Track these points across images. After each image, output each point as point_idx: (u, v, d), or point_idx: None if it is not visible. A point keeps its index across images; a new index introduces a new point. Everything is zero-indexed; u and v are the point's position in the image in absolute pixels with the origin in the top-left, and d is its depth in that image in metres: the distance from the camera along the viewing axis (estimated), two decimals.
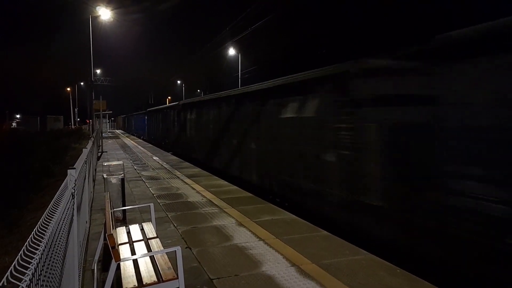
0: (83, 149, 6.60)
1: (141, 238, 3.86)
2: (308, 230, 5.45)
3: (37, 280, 1.34)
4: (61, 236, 2.21)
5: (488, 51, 3.98)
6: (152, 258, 3.26)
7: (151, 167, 12.89)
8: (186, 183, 9.54)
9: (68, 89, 66.27)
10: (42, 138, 28.70)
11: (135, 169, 12.35)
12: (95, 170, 11.01)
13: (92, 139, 11.84)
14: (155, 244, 3.63)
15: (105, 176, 6.17)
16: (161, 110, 25.84)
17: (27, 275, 1.19)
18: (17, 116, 78.79)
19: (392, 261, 4.25)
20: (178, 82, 59.95)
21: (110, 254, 2.88)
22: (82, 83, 54.06)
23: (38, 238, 1.56)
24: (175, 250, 3.04)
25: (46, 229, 1.70)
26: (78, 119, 70.72)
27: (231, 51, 34.50)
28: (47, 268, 1.62)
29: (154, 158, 15.91)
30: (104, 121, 48.86)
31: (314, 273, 3.92)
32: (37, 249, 1.43)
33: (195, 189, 8.70)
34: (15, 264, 1.21)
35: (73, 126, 61.82)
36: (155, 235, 3.89)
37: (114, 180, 6.12)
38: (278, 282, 3.72)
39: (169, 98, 63.01)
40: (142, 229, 4.13)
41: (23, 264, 1.25)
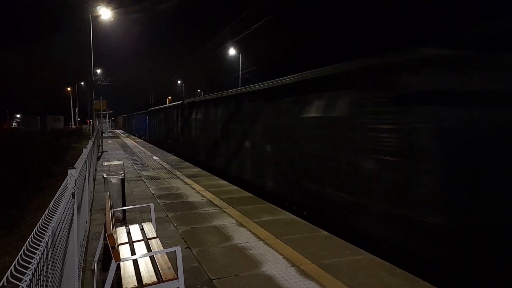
0: (83, 149, 6.60)
1: (141, 238, 3.86)
2: (308, 230, 5.45)
3: (37, 280, 1.34)
4: (61, 236, 2.21)
5: None
6: (152, 258, 3.27)
7: (151, 167, 12.89)
8: (186, 183, 9.55)
9: (69, 89, 66.34)
10: (42, 138, 28.72)
11: (135, 169, 12.35)
12: (95, 170, 11.01)
13: (92, 139, 11.84)
14: (155, 244, 3.63)
15: (105, 176, 6.17)
16: (164, 110, 25.01)
17: (27, 275, 1.19)
18: (17, 116, 78.98)
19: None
20: (178, 82, 59.96)
21: (110, 254, 2.88)
22: (83, 83, 54.14)
23: (38, 238, 1.56)
24: (175, 250, 3.05)
25: (46, 229, 1.70)
26: (78, 119, 70.78)
27: (231, 51, 34.52)
28: (47, 268, 1.62)
29: (154, 158, 15.92)
30: (104, 121, 48.89)
31: (314, 273, 3.93)
32: (37, 249, 1.43)
33: (195, 189, 8.70)
34: (15, 264, 1.21)
35: (73, 126, 61.84)
36: (155, 235, 3.89)
37: (114, 180, 6.12)
38: (278, 282, 3.73)
39: (169, 98, 63.01)
40: (142, 229, 4.13)
41: (23, 264, 1.25)
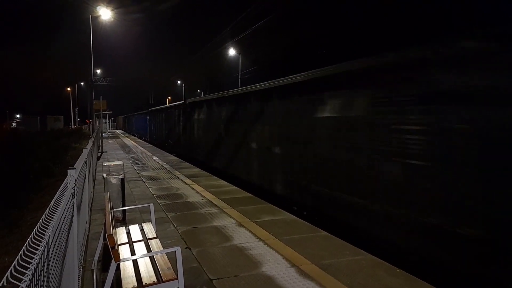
0: (83, 149, 6.61)
1: (141, 239, 3.86)
2: (308, 231, 5.45)
3: (37, 280, 1.34)
4: (61, 236, 2.21)
5: None
6: (152, 259, 3.27)
7: (151, 167, 12.89)
8: (186, 183, 9.55)
9: (68, 89, 66.35)
10: (42, 138, 28.72)
11: (135, 169, 12.35)
12: (95, 170, 11.01)
13: (92, 139, 11.85)
14: (155, 245, 3.63)
15: (105, 176, 6.17)
16: (165, 110, 24.56)
17: (27, 275, 1.19)
18: (17, 116, 79.01)
19: None
20: (178, 82, 59.97)
21: (110, 254, 2.88)
22: (82, 83, 54.14)
23: (38, 238, 1.56)
24: (175, 251, 3.05)
25: (46, 229, 1.71)
26: (78, 119, 70.78)
27: (231, 51, 34.55)
28: (47, 268, 1.62)
29: (154, 158, 15.92)
30: (104, 121, 48.86)
31: (314, 274, 3.93)
32: (37, 249, 1.43)
33: (195, 189, 8.70)
34: (15, 264, 1.21)
35: (73, 126, 61.84)
36: (155, 236, 3.89)
37: (114, 180, 6.12)
38: (278, 283, 3.73)
39: (169, 98, 63.01)
40: (142, 230, 4.13)
41: (23, 264, 1.26)
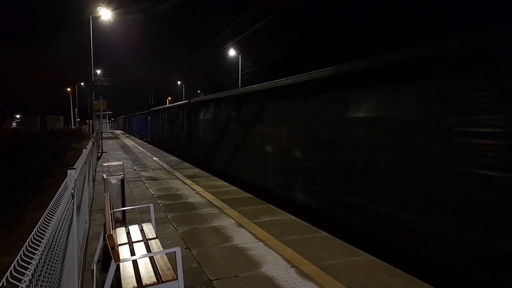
0: (83, 150, 6.61)
1: (141, 239, 3.86)
2: (308, 231, 5.45)
3: (37, 280, 1.34)
4: (61, 236, 2.21)
5: None
6: (152, 259, 3.27)
7: (151, 168, 12.90)
8: (186, 184, 9.55)
9: (68, 89, 66.32)
10: (42, 138, 28.70)
11: (135, 170, 12.35)
12: (95, 171, 11.01)
13: (92, 140, 11.85)
14: (155, 245, 3.63)
15: (105, 177, 6.17)
16: (167, 110, 23.75)
17: (27, 275, 1.20)
18: (17, 116, 79.02)
19: None
20: (178, 83, 60.01)
21: (110, 255, 2.88)
22: (82, 83, 54.22)
23: (38, 238, 1.56)
24: (175, 251, 3.05)
25: (46, 229, 1.71)
26: (78, 119, 70.82)
27: (232, 52, 34.53)
28: (47, 268, 1.62)
29: (154, 159, 15.92)
30: (104, 121, 48.88)
31: (314, 274, 3.93)
32: (37, 249, 1.43)
33: (195, 190, 8.70)
34: (15, 264, 1.21)
35: (73, 126, 61.83)
36: (155, 236, 3.89)
37: (114, 181, 6.12)
38: (278, 283, 3.73)
39: (169, 99, 63.03)
40: (142, 230, 4.13)
41: (23, 264, 1.26)
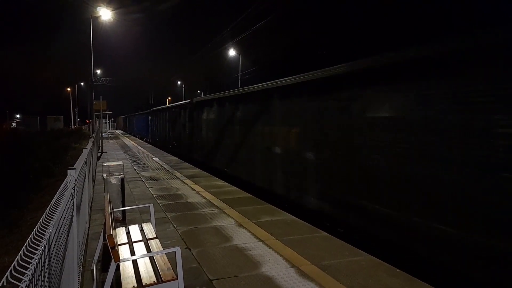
0: (83, 149, 6.61)
1: (141, 239, 3.86)
2: (308, 231, 5.45)
3: (37, 280, 1.34)
4: (61, 236, 2.21)
5: None
6: (152, 259, 3.27)
7: (151, 168, 12.90)
8: (186, 184, 9.55)
9: (68, 89, 66.30)
10: (42, 138, 28.70)
11: (135, 170, 12.35)
12: (95, 171, 11.01)
13: (92, 139, 11.85)
14: (155, 245, 3.63)
15: (105, 177, 6.17)
16: (169, 109, 23.32)
17: (27, 275, 1.20)
18: (17, 116, 79.02)
19: None
20: (178, 83, 60.02)
21: (110, 255, 2.88)
22: (82, 83, 54.21)
23: (38, 238, 1.56)
24: (175, 251, 3.05)
25: (46, 229, 1.71)
26: (78, 119, 70.80)
27: (232, 52, 34.54)
28: (47, 268, 1.62)
29: (154, 159, 15.92)
30: (104, 121, 48.88)
31: (314, 274, 3.93)
32: (37, 249, 1.43)
33: (195, 190, 8.70)
34: (15, 264, 1.21)
35: (73, 126, 61.82)
36: (155, 236, 3.89)
37: (114, 181, 6.12)
38: (278, 283, 3.73)
39: (169, 99, 63.05)
40: (142, 230, 4.13)
41: (23, 264, 1.26)
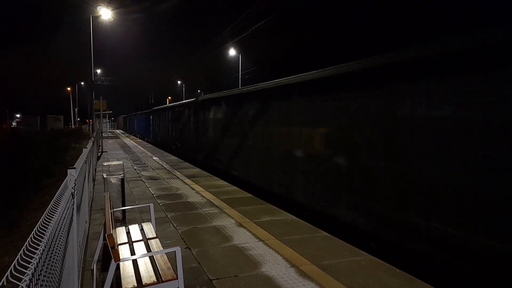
0: (83, 149, 6.61)
1: (141, 238, 3.86)
2: (308, 231, 5.45)
3: (37, 280, 1.34)
4: (61, 236, 2.21)
5: None
6: (152, 259, 3.27)
7: (151, 167, 12.89)
8: (186, 183, 9.55)
9: (69, 89, 66.29)
10: (42, 138, 28.69)
11: (135, 169, 12.35)
12: (95, 170, 11.01)
13: (92, 139, 11.84)
14: (155, 244, 3.63)
15: (105, 176, 6.17)
16: (172, 109, 22.61)
17: (27, 275, 1.19)
18: (17, 116, 79.09)
19: None
20: (178, 82, 60.03)
21: (110, 254, 2.88)
22: (83, 83, 54.23)
23: (38, 238, 1.56)
24: (175, 251, 3.05)
25: (46, 229, 1.70)
26: (78, 119, 70.81)
27: (232, 52, 34.52)
28: (47, 268, 1.62)
29: (154, 158, 15.92)
30: (104, 121, 48.90)
31: (314, 274, 3.93)
32: (37, 249, 1.43)
33: (195, 190, 8.70)
34: (15, 264, 1.21)
35: (73, 126, 61.81)
36: (155, 235, 3.89)
37: (114, 180, 6.12)
38: (278, 283, 3.73)
39: (169, 98, 63.09)
40: (142, 229, 4.13)
41: (23, 264, 1.26)
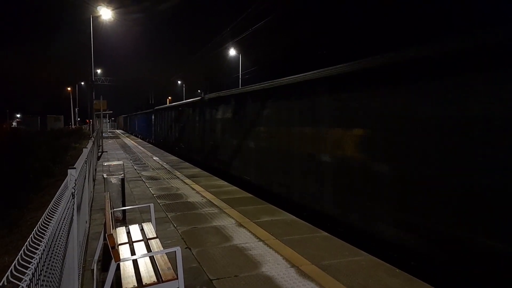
0: (83, 149, 6.61)
1: (141, 238, 3.87)
2: (308, 231, 5.45)
3: (37, 280, 1.35)
4: (61, 236, 2.21)
5: None
6: (152, 259, 3.27)
7: (151, 167, 12.89)
8: (186, 183, 9.55)
9: (69, 89, 66.28)
10: (43, 138, 28.67)
11: (135, 169, 12.35)
12: (95, 170, 11.01)
13: (92, 139, 11.85)
14: (155, 244, 3.63)
15: (105, 176, 6.17)
16: (175, 108, 21.88)
17: (27, 275, 1.20)
18: (18, 116, 79.11)
19: None
20: (179, 82, 60.02)
21: (110, 254, 2.88)
22: (83, 83, 54.26)
23: (38, 238, 1.56)
24: (175, 251, 3.05)
25: (46, 229, 1.71)
26: (79, 119, 70.83)
27: (232, 52, 34.51)
28: (47, 268, 1.62)
29: (154, 158, 15.92)
30: (105, 121, 48.90)
31: (314, 274, 3.93)
32: (37, 249, 1.43)
33: (195, 190, 8.70)
34: (15, 264, 1.21)
35: (73, 126, 61.82)
36: (155, 235, 3.89)
37: (114, 180, 6.12)
38: (278, 283, 3.73)
39: (170, 98, 63.07)
40: (142, 229, 4.13)
41: (23, 264, 1.26)
